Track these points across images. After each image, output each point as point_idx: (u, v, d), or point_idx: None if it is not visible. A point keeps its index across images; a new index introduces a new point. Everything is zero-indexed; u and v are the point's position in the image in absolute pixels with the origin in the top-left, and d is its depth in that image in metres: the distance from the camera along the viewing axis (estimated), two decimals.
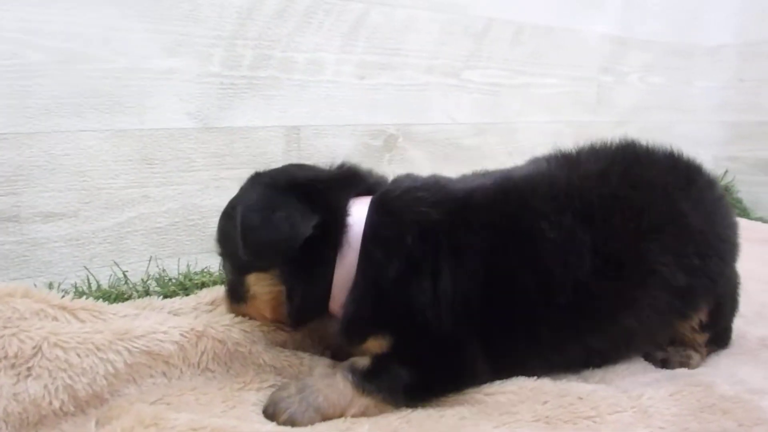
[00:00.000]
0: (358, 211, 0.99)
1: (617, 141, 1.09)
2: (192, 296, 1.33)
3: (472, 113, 1.91)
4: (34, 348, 0.94)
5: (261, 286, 1.03)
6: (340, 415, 0.94)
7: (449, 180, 1.09)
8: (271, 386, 1.05)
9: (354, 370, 0.96)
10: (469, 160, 1.90)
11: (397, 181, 1.08)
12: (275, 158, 1.59)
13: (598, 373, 1.05)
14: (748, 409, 0.90)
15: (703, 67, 2.41)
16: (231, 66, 1.50)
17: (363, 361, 0.98)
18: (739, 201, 2.29)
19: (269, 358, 1.12)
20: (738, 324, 1.20)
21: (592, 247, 0.96)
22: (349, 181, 1.05)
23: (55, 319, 1.03)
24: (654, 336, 1.09)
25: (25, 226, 1.30)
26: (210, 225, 1.52)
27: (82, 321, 1.05)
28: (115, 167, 1.39)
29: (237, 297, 1.09)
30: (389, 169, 1.77)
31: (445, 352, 0.96)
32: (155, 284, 1.40)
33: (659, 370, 1.08)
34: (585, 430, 0.87)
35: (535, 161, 1.14)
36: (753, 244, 1.20)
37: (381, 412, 0.95)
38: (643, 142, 1.10)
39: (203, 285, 1.40)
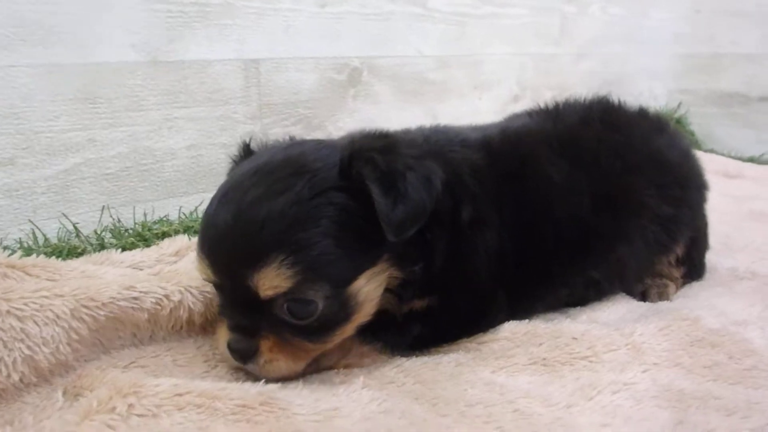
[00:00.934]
0: None
1: (590, 97, 1.17)
2: (154, 247, 1.23)
3: (438, 45, 1.83)
4: None
5: (374, 282, 0.83)
6: (334, 366, 0.91)
7: (465, 129, 1.08)
8: None
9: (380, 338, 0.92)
10: (434, 95, 1.84)
11: (427, 135, 1.01)
12: (233, 95, 1.47)
13: (586, 311, 1.06)
14: (735, 341, 0.93)
15: None
16: None
17: (385, 330, 0.93)
18: (692, 133, 2.36)
19: None
20: (708, 256, 1.25)
21: (587, 186, 1.02)
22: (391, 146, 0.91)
23: (5, 275, 0.93)
24: (641, 269, 1.13)
25: None
26: (165, 169, 1.40)
27: (36, 277, 0.95)
28: (53, 108, 1.23)
29: (326, 330, 0.82)
30: (354, 105, 1.68)
31: (476, 309, 0.96)
32: (110, 236, 1.28)
33: (642, 304, 1.11)
34: (583, 370, 0.88)
35: (517, 117, 1.19)
36: (708, 176, 1.24)
37: (375, 361, 0.92)
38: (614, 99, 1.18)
39: (164, 235, 1.30)
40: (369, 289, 0.83)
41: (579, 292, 1.07)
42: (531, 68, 2.09)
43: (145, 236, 1.29)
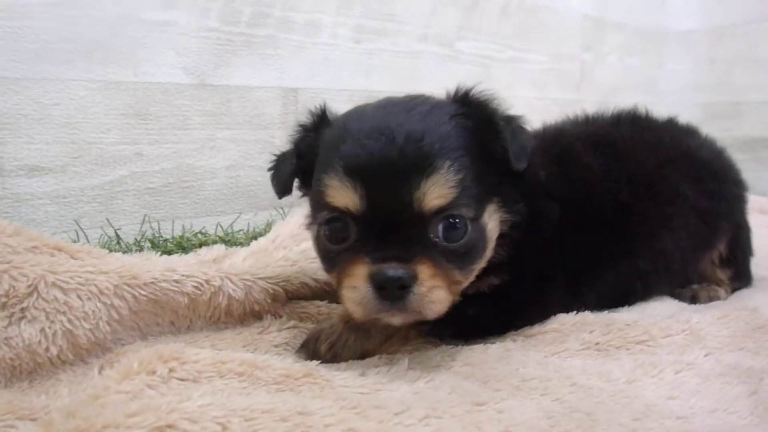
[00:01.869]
0: None
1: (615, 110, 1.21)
2: (191, 254, 1.24)
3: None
4: (29, 287, 0.83)
5: (493, 220, 0.85)
6: (375, 349, 0.89)
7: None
8: (292, 327, 0.98)
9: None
10: None
11: None
12: (272, 120, 1.53)
13: (635, 308, 1.03)
14: None
15: (674, 50, 2.51)
16: (229, 21, 1.44)
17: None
18: None
19: (289, 310, 1.06)
20: (754, 270, 1.22)
21: (626, 176, 1.04)
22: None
23: (52, 255, 0.93)
24: (687, 263, 1.11)
25: (8, 179, 1.18)
26: (205, 187, 1.44)
27: (81, 260, 0.96)
28: (106, 121, 1.29)
29: (472, 258, 0.82)
30: None
31: (538, 291, 0.96)
32: (150, 245, 1.30)
33: (694, 305, 1.08)
34: (640, 354, 0.85)
35: (548, 125, 1.21)
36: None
37: (419, 348, 0.90)
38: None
39: (202, 245, 1.31)
40: (492, 226, 0.84)
41: (626, 282, 1.05)
42: (555, 112, 2.15)
43: (183, 245, 1.30)
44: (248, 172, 1.50)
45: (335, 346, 0.85)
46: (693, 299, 1.11)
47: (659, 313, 1.01)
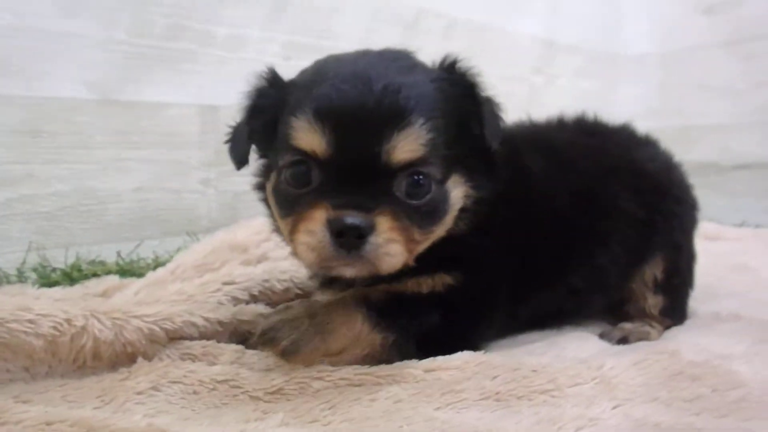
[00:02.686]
0: None
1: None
2: (78, 286, 1.13)
3: None
4: None
5: (457, 190, 0.85)
6: (338, 353, 0.83)
7: None
8: (163, 368, 0.86)
9: (369, 304, 0.83)
10: None
11: None
12: (189, 139, 1.43)
13: (551, 349, 0.94)
14: (719, 373, 0.81)
15: (627, 73, 2.48)
16: (140, 34, 1.34)
17: (377, 294, 0.85)
18: None
19: (169, 352, 0.95)
20: (690, 303, 1.15)
21: (566, 184, 0.98)
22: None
23: None
24: (621, 281, 1.06)
25: None
26: (108, 212, 1.32)
27: None
28: None
29: (432, 219, 0.82)
30: None
31: (492, 302, 0.91)
32: (35, 275, 1.18)
33: (615, 346, 0.99)
34: (542, 406, 0.75)
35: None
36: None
37: (379, 357, 0.84)
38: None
39: (94, 276, 1.19)
40: (455, 194, 0.83)
41: (560, 300, 0.99)
42: None
43: (72, 276, 1.18)
44: (160, 195, 1.39)
45: (298, 342, 0.79)
46: (622, 340, 1.02)
47: (574, 356, 0.91)
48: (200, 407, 0.79)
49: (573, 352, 0.93)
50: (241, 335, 1.03)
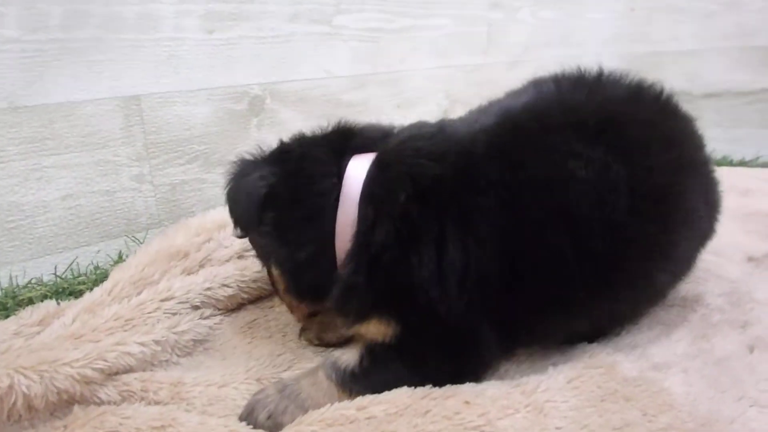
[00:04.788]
0: (357, 167, 0.86)
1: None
2: (12, 318, 1.09)
3: (350, 64, 1.70)
4: None
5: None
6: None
7: (457, 123, 0.92)
8: (101, 415, 0.85)
9: (338, 369, 0.83)
10: (351, 116, 1.70)
11: (401, 131, 0.93)
12: (113, 136, 1.33)
13: (501, 366, 0.92)
14: (652, 393, 0.81)
15: None
16: (34, 28, 1.20)
17: (348, 356, 0.84)
18: None
19: (108, 390, 0.94)
20: None
21: (629, 182, 0.81)
22: (340, 138, 0.93)
23: None
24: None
25: None
26: (37, 225, 1.26)
27: None
28: None
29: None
30: (258, 135, 1.55)
31: (455, 344, 0.82)
32: None
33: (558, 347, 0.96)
34: None
35: (537, 84, 0.96)
36: None
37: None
38: None
39: (30, 302, 1.15)
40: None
41: (600, 324, 0.91)
42: (460, 80, 1.97)
43: (6, 305, 1.14)
44: (91, 199, 1.32)
45: (274, 413, 0.81)
46: None
47: (514, 374, 0.89)
48: None
49: (515, 370, 0.91)
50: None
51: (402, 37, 1.81)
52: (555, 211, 0.80)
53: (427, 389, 0.83)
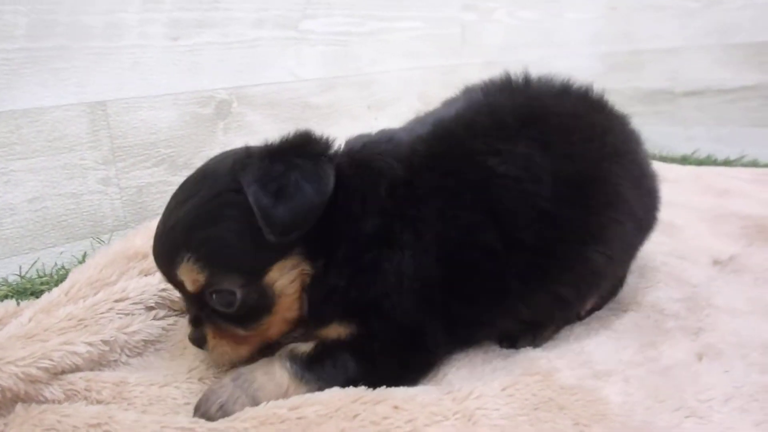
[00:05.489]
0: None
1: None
2: None
3: (317, 67, 1.74)
4: None
5: (288, 276, 0.85)
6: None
7: (400, 132, 0.95)
8: (42, 412, 0.89)
9: (294, 357, 0.86)
10: (320, 118, 1.74)
11: (354, 139, 0.95)
12: (79, 141, 1.38)
13: (440, 371, 0.91)
14: (587, 402, 0.80)
15: None
16: (2, 37, 1.26)
17: (304, 347, 0.87)
18: None
19: (53, 389, 0.96)
20: None
21: (551, 171, 0.85)
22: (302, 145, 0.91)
23: None
24: (613, 283, 1.01)
25: None
26: (4, 226, 1.32)
27: None
28: None
29: (252, 319, 0.86)
30: (225, 139, 1.59)
31: (406, 343, 0.86)
32: None
33: (501, 352, 0.96)
34: None
35: (467, 91, 1.03)
36: None
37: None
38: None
39: None
40: (284, 282, 0.85)
41: (544, 312, 0.93)
42: (435, 81, 1.99)
43: None
44: (56, 202, 1.37)
45: (225, 404, 0.82)
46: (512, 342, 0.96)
47: (451, 378, 0.88)
48: None
49: (453, 374, 0.89)
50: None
51: (372, 39, 1.84)
52: (481, 210, 0.85)
53: (360, 391, 0.84)
